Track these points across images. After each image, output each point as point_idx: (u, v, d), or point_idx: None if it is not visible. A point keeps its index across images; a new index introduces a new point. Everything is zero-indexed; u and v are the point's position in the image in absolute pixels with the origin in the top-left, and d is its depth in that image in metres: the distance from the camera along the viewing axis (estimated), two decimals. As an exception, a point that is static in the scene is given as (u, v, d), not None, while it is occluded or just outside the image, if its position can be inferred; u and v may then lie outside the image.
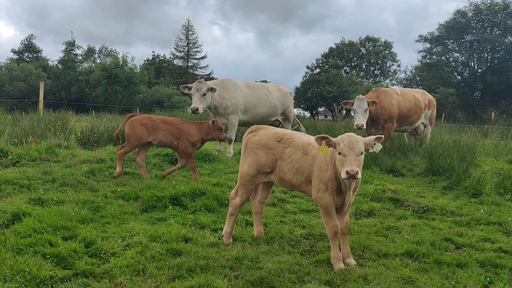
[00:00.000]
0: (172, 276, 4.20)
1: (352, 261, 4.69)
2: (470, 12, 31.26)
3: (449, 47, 33.51)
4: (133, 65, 56.81)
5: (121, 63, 53.64)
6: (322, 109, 71.00)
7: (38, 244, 4.56)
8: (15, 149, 9.25)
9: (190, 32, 73.92)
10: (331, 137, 4.34)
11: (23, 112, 14.71)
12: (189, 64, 74.34)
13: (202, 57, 74.63)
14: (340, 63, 75.83)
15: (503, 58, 31.22)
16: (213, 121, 8.43)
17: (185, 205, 6.54)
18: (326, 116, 66.09)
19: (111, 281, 4.07)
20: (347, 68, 76.58)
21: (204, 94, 10.16)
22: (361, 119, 10.63)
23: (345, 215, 4.78)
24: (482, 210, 6.75)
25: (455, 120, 28.57)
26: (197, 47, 74.52)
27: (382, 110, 11.48)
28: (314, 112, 70.04)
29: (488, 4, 30.51)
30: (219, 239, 5.30)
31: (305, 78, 71.16)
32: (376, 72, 76.20)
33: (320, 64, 75.53)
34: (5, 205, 5.82)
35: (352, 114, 11.12)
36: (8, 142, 9.73)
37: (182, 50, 74.09)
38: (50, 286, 3.88)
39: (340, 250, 4.72)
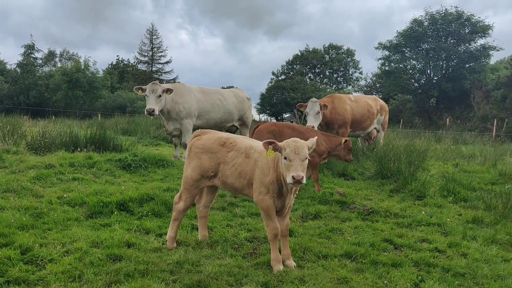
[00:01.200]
0: (109, 282, 4.17)
1: (291, 262, 4.77)
2: (426, 21, 32.29)
3: (406, 55, 34.50)
4: (95, 70, 55.82)
5: (82, 67, 52.61)
6: (288, 115, 71.63)
7: (-30, 251, 4.44)
8: (-42, 154, 8.94)
9: (154, 37, 73.27)
10: (277, 142, 4.42)
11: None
12: (153, 68, 73.59)
13: (167, 62, 74.04)
14: (305, 69, 76.78)
15: (457, 66, 32.38)
16: (346, 140, 8.23)
17: (132, 211, 6.49)
18: (291, 122, 66.64)
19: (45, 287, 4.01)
20: (311, 74, 77.56)
21: (160, 96, 10.11)
22: (312, 121, 10.85)
23: (285, 218, 4.86)
24: (423, 212, 6.98)
25: (413, 126, 29.40)
26: (161, 52, 73.90)
27: (337, 115, 11.73)
28: (279, 118, 70.56)
29: (443, 14, 31.57)
30: (163, 244, 5.29)
31: (270, 84, 71.67)
32: (339, 79, 77.46)
33: (286, 71, 76.28)
34: None
35: (305, 117, 11.33)
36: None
37: (146, 54, 73.32)
38: (-21, 294, 3.79)
39: (280, 252, 4.80)
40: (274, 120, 66.74)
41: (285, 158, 4.31)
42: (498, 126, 23.23)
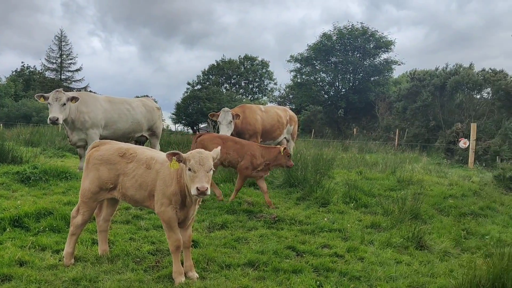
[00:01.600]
0: (-6, 305, 3.87)
1: (194, 274, 4.73)
2: (334, 35, 33.93)
3: (316, 67, 35.97)
4: (-3, 76, 52.07)
5: (-19, 74, 48.77)
6: (204, 125, 71.36)
7: None
8: None
9: (63, 43, 70.01)
10: (181, 153, 4.37)
11: None
12: (62, 76, 70.13)
13: (77, 70, 70.96)
14: (221, 80, 77.19)
15: (363, 79, 34.35)
16: (284, 148, 8.13)
17: (27, 227, 6.08)
18: (207, 131, 66.43)
19: None
20: (227, 85, 78.11)
21: (64, 104, 9.62)
22: (225, 131, 10.90)
23: (188, 229, 4.82)
24: (326, 219, 7.26)
25: (323, 136, 30.60)
26: (71, 59, 70.75)
27: (247, 125, 11.89)
28: (195, 128, 70.10)
29: (350, 29, 33.38)
30: (59, 261, 5.02)
31: (186, 94, 71.13)
32: (254, 89, 78.75)
33: (201, 81, 76.18)
34: None
35: (218, 126, 11.36)
36: None
37: (54, 61, 69.79)
38: None
39: (183, 264, 4.74)
40: (190, 130, 66.29)
41: (189, 169, 4.28)
42: (400, 136, 24.82)
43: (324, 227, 6.81)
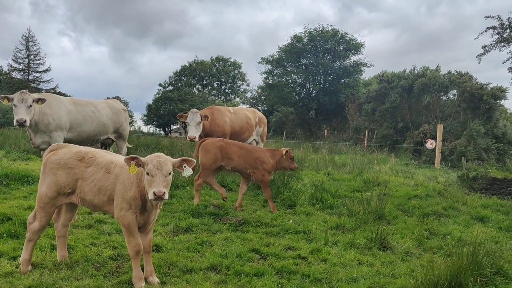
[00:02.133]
0: None
1: (155, 279, 4.67)
2: (305, 37, 34.11)
3: (288, 69, 36.09)
4: (-41, 77, 50.42)
5: None
6: (176, 126, 70.78)
7: None
8: None
9: (31, 43, 68.45)
10: (140, 158, 4.31)
11: None
12: (30, 77, 68.53)
13: (45, 70, 69.46)
14: (193, 81, 76.78)
15: (334, 81, 34.63)
16: (286, 151, 8.12)
17: (-17, 233, 5.89)
18: (180, 134, 66.07)
19: None
20: (199, 86, 77.76)
21: (30, 106, 9.37)
22: (193, 132, 10.85)
23: (148, 234, 4.75)
24: (291, 221, 7.28)
25: (295, 137, 30.74)
26: (39, 59, 69.22)
27: (216, 127, 11.84)
28: (167, 129, 69.50)
29: (320, 32, 33.62)
30: (16, 268, 4.87)
31: (157, 95, 70.46)
32: (227, 90, 78.65)
33: (173, 82, 75.61)
34: None
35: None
36: None
37: (22, 62, 68.17)
38: None
39: (144, 269, 4.67)
40: (162, 132, 65.66)
41: (147, 173, 4.22)
42: (369, 137, 25.15)
43: (289, 229, 6.83)
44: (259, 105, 51.58)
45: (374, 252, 6.14)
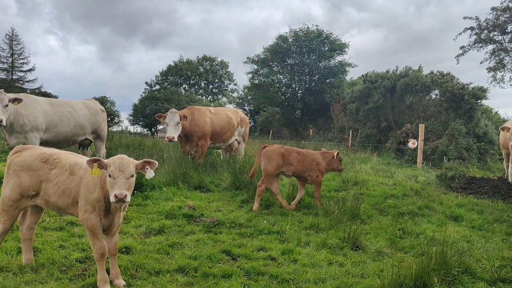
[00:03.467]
0: None
1: (121, 281, 4.63)
2: (290, 38, 34.17)
3: (273, 69, 36.13)
4: None
5: None
6: (162, 126, 70.33)
7: None
8: None
9: (15, 42, 67.62)
10: (103, 159, 4.27)
11: None
12: (14, 77, 67.70)
13: (30, 70, 68.65)
14: (179, 80, 76.53)
15: (319, 81, 34.76)
16: (337, 153, 8.76)
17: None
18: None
19: None
20: (186, 85, 77.52)
21: (6, 105, 9.26)
22: (172, 132, 10.85)
23: (114, 236, 4.72)
24: (265, 221, 7.27)
25: (281, 136, 30.77)
26: (23, 59, 68.41)
27: (196, 127, 11.82)
28: (153, 129, 69.17)
29: (305, 32, 33.71)
30: (-21, 272, 4.80)
31: (144, 94, 70.11)
32: (214, 90, 78.50)
33: (160, 81, 75.32)
34: None
35: (163, 127, 11.26)
36: None
37: (5, 61, 67.29)
38: None
39: (110, 272, 4.64)
40: (148, 132, 65.32)
41: (109, 175, 4.19)
42: (353, 136, 25.26)
43: (263, 230, 6.82)
44: (246, 104, 51.61)
45: (346, 252, 6.15)
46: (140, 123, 67.46)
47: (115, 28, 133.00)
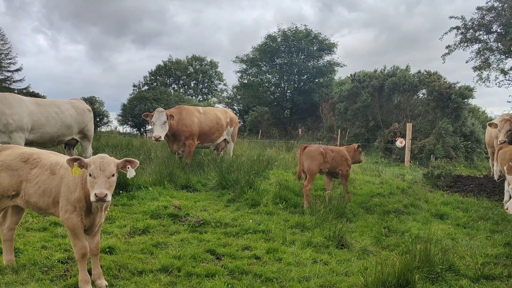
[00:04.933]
0: None
1: (103, 282, 4.60)
2: (279, 37, 34.15)
3: (262, 69, 36.06)
4: None
5: None
6: (151, 126, 70.00)
7: None
8: None
9: (1, 42, 66.86)
10: (83, 159, 4.23)
11: None
12: (0, 77, 66.99)
13: (17, 70, 67.87)
14: (168, 80, 76.29)
15: (308, 80, 34.80)
16: (358, 146, 9.60)
17: None
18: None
19: None
20: (175, 85, 77.27)
21: None
22: (159, 131, 10.80)
23: (95, 236, 4.68)
24: (251, 220, 7.26)
25: (270, 136, 30.77)
26: (10, 58, 67.63)
27: (183, 127, 11.78)
28: (142, 129, 68.84)
29: (294, 31, 33.71)
30: (-40, 274, 4.73)
31: (132, 95, 69.73)
32: (204, 90, 78.32)
33: (148, 82, 75.00)
34: None
35: (151, 127, 11.20)
36: None
37: (-8, 61, 66.55)
38: None
39: (91, 272, 4.60)
40: (138, 132, 64.99)
41: (90, 175, 4.15)
42: (342, 135, 25.33)
43: (249, 229, 6.81)
44: (235, 104, 51.48)
45: (331, 250, 6.17)
46: (129, 123, 67.09)
47: (105, 27, 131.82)
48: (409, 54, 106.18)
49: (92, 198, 4.06)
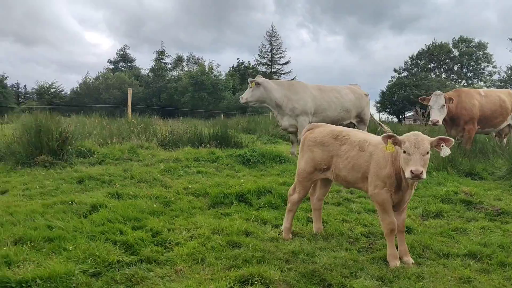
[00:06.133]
0: (228, 266, 4.38)
1: (409, 259, 4.61)
2: None
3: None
4: (218, 72, 58.80)
5: (207, 70, 55.74)
6: (411, 113, 68.35)
7: (109, 232, 4.98)
8: (101, 149, 10.06)
9: (274, 38, 75.00)
10: (397, 136, 4.32)
11: (115, 117, 15.94)
12: (272, 69, 75.37)
13: (286, 63, 75.37)
14: (430, 65, 72.84)
15: None
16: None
17: (250, 202, 6.74)
18: (415, 121, 63.46)
19: (172, 267, 4.32)
20: (436, 70, 73.37)
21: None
22: (436, 115, 10.38)
23: (402, 213, 4.72)
24: None
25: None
26: (280, 53, 75.44)
27: (463, 110, 11.06)
28: (400, 116, 67.81)
29: None
30: (279, 234, 5.42)
31: (391, 81, 69.23)
32: (468, 74, 72.20)
33: (409, 67, 73.18)
34: (86, 198, 6.39)
35: (429, 111, 10.81)
36: (95, 143, 10.60)
37: (265, 56, 75.43)
38: (116, 269, 4.21)
39: (397, 248, 4.67)
40: (395, 119, 64.31)
41: (404, 152, 4.19)
42: None
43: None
44: (509, 87, 45.79)
45: None
46: (387, 110, 66.96)
47: (362, 17, 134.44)
48: None
49: (408, 175, 4.08)
